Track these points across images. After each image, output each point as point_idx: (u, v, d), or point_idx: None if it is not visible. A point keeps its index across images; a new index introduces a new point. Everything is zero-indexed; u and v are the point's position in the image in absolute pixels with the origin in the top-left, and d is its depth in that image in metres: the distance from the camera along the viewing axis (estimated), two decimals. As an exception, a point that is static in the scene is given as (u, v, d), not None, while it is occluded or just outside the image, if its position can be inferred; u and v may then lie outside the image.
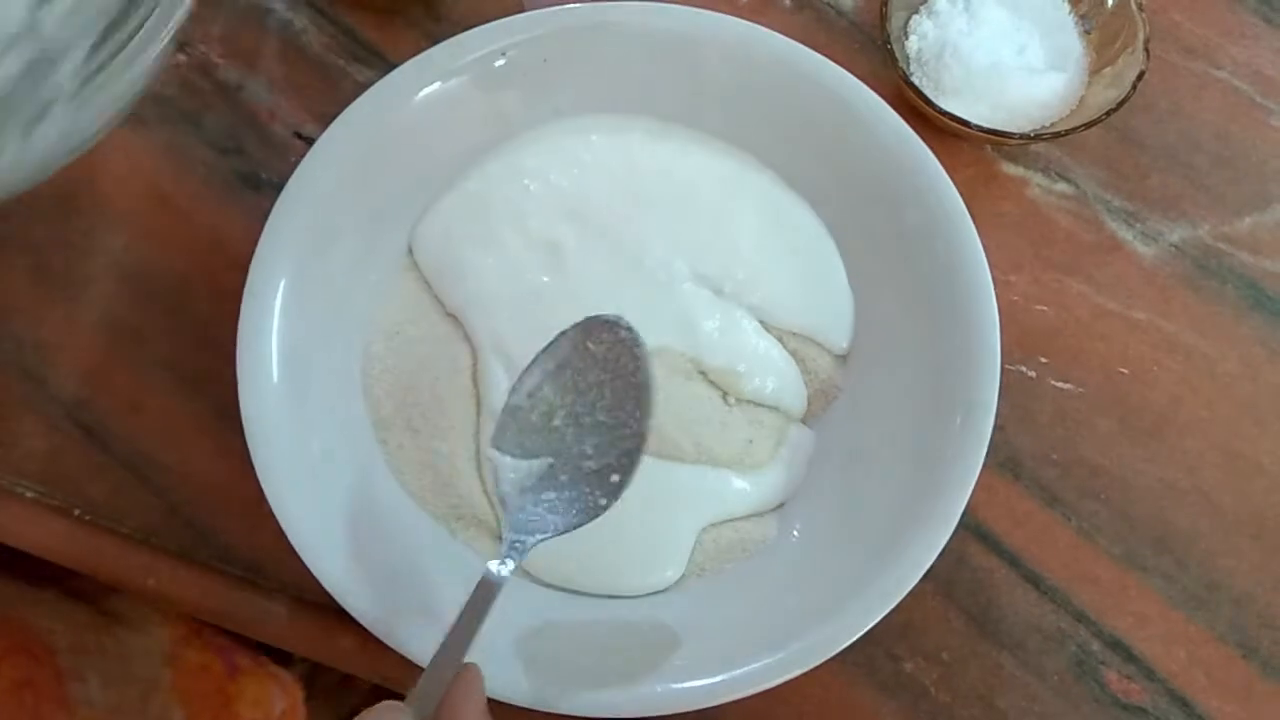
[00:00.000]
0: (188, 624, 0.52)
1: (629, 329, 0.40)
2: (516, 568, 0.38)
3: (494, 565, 0.37)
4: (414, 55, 0.47)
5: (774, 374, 0.47)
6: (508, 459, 0.40)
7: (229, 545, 0.47)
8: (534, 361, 0.41)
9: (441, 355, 0.47)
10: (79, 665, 0.50)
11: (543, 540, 0.38)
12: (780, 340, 0.48)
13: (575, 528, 0.39)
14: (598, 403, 0.40)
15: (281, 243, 0.44)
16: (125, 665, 0.52)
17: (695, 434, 0.45)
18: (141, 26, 0.39)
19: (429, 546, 0.44)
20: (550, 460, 0.40)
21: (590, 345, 0.40)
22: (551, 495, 0.39)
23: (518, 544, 0.38)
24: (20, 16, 0.36)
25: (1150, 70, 0.51)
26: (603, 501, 0.39)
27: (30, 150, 0.39)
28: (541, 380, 0.40)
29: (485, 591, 0.37)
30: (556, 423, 0.40)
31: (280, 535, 0.41)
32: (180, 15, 0.41)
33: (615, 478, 0.39)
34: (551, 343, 0.41)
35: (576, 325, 0.41)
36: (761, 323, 0.48)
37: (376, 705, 0.33)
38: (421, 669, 0.37)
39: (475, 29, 0.47)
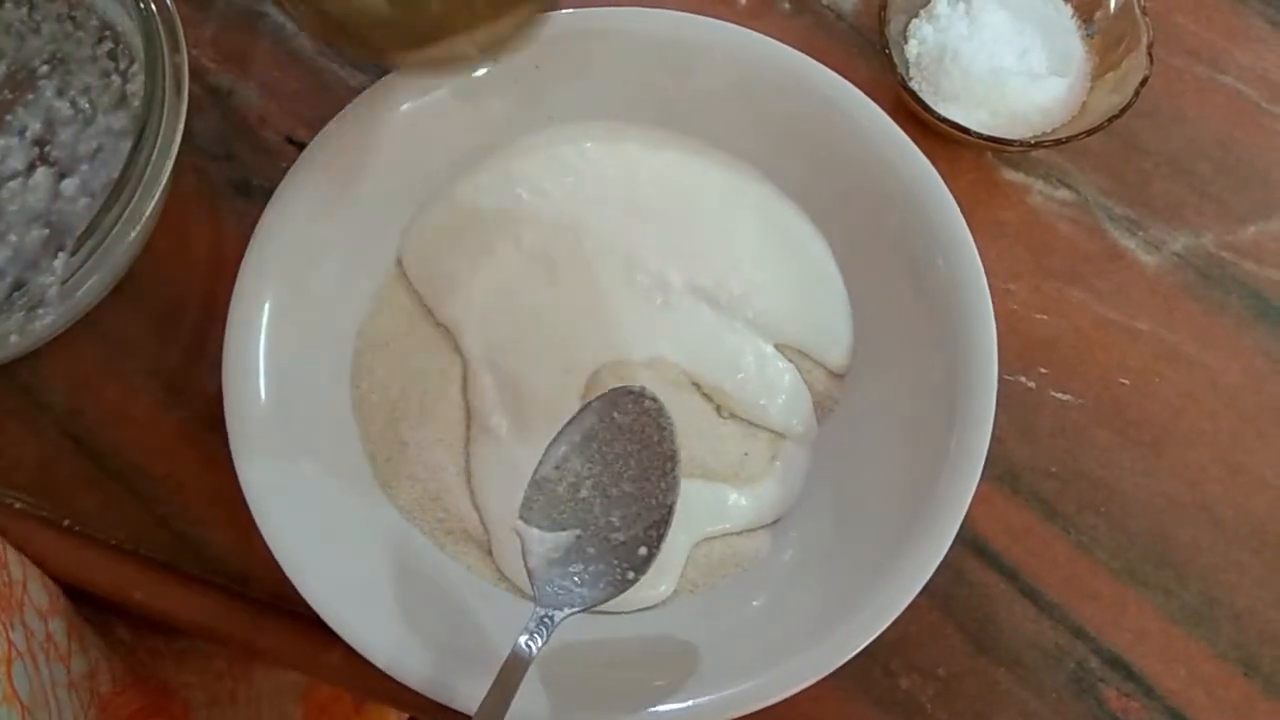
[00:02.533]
0: None
1: (654, 399, 0.40)
2: (545, 644, 0.37)
3: (523, 640, 0.37)
4: (406, 61, 0.47)
5: (779, 394, 0.46)
6: (535, 531, 0.39)
7: (218, 557, 0.46)
8: (561, 433, 0.40)
9: (432, 367, 0.46)
10: (215, 718, 0.50)
11: (570, 615, 0.38)
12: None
13: (603, 602, 0.38)
14: (624, 473, 0.40)
15: (269, 253, 0.44)
16: (258, 710, 0.53)
17: (689, 447, 0.45)
18: (116, 224, 0.43)
19: (418, 561, 0.44)
20: (578, 532, 0.40)
21: (616, 415, 0.40)
22: (579, 567, 0.39)
23: (546, 620, 0.38)
24: None
25: (1154, 75, 0.51)
26: (630, 575, 0.39)
27: (30, 335, 0.43)
28: (569, 452, 0.40)
29: (514, 667, 0.36)
30: (584, 494, 0.40)
31: (268, 549, 0.41)
32: (152, 209, 0.44)
33: (643, 550, 0.39)
34: (578, 414, 0.41)
35: (602, 396, 0.41)
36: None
37: None
38: (404, 685, 0.37)
39: (466, 36, 0.47)
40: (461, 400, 0.46)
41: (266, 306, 0.43)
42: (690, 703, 0.39)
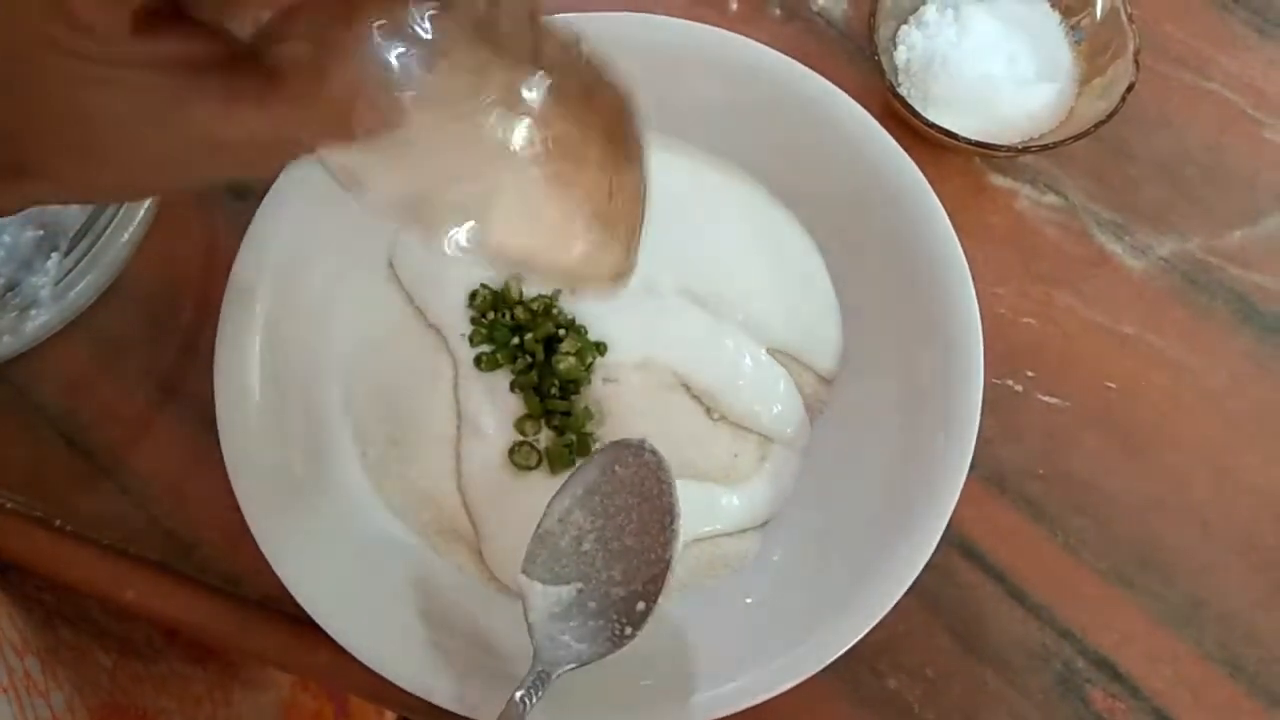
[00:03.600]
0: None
1: (653, 452, 0.40)
2: (539, 700, 0.37)
3: (519, 695, 0.37)
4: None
5: (774, 403, 0.47)
6: (538, 586, 0.39)
7: (209, 557, 0.46)
8: (564, 486, 0.40)
9: (423, 368, 0.46)
10: None
11: (568, 671, 0.38)
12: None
13: (600, 658, 0.38)
14: (625, 527, 0.40)
15: (262, 253, 0.44)
16: None
17: (679, 448, 0.45)
18: (109, 225, 0.44)
19: (407, 560, 0.44)
20: (579, 586, 0.40)
21: (618, 469, 0.40)
22: (578, 622, 0.39)
23: (543, 675, 0.37)
24: None
25: (1140, 82, 0.51)
26: (628, 631, 0.38)
27: (23, 335, 0.44)
28: (571, 505, 0.40)
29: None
30: (586, 548, 0.40)
31: (259, 549, 0.41)
32: (145, 210, 0.46)
33: (641, 605, 0.39)
34: (580, 467, 0.41)
35: (604, 450, 0.41)
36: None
37: None
38: (392, 683, 0.37)
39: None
40: (453, 401, 0.46)
41: (259, 305, 0.43)
42: (677, 702, 0.39)
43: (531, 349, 0.46)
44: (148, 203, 0.46)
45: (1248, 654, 0.46)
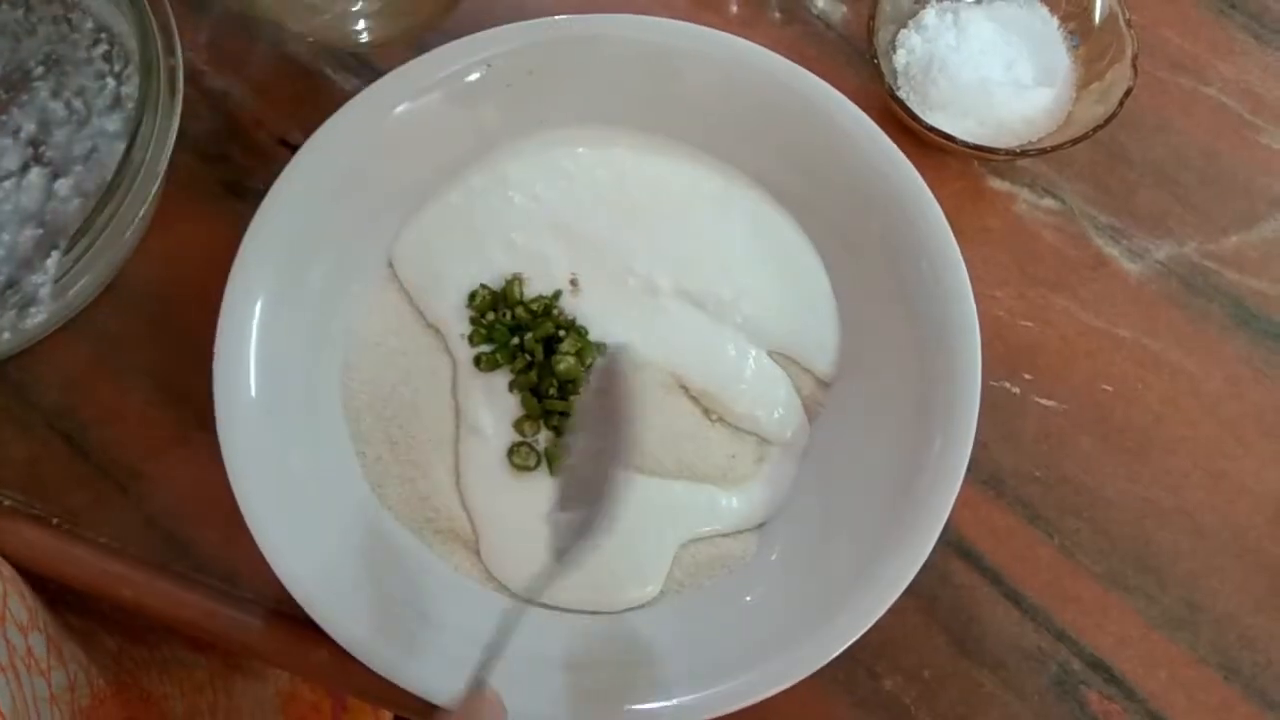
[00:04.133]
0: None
1: (614, 350, 0.41)
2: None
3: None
4: (402, 64, 0.47)
5: (775, 408, 0.47)
6: (565, 516, 0.40)
7: (206, 556, 0.47)
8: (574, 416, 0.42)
9: (422, 367, 0.47)
10: None
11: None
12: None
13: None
14: (608, 433, 0.40)
15: (261, 253, 0.44)
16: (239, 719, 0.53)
17: (677, 449, 0.45)
18: (108, 224, 0.44)
19: (405, 560, 0.44)
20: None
21: (593, 381, 0.42)
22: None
23: None
24: None
25: (1138, 86, 0.51)
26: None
27: (22, 333, 0.44)
28: (577, 433, 0.42)
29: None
30: (595, 470, 0.40)
31: (257, 548, 0.41)
32: (145, 210, 0.45)
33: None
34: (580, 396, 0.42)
35: (591, 374, 0.42)
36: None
37: None
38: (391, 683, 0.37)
39: (460, 40, 0.47)
40: (451, 400, 0.46)
41: (259, 304, 0.43)
42: (674, 701, 0.39)
43: (531, 349, 0.46)
44: (148, 201, 0.46)
45: (1243, 657, 0.46)
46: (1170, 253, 0.53)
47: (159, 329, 0.50)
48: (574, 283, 0.47)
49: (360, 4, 0.50)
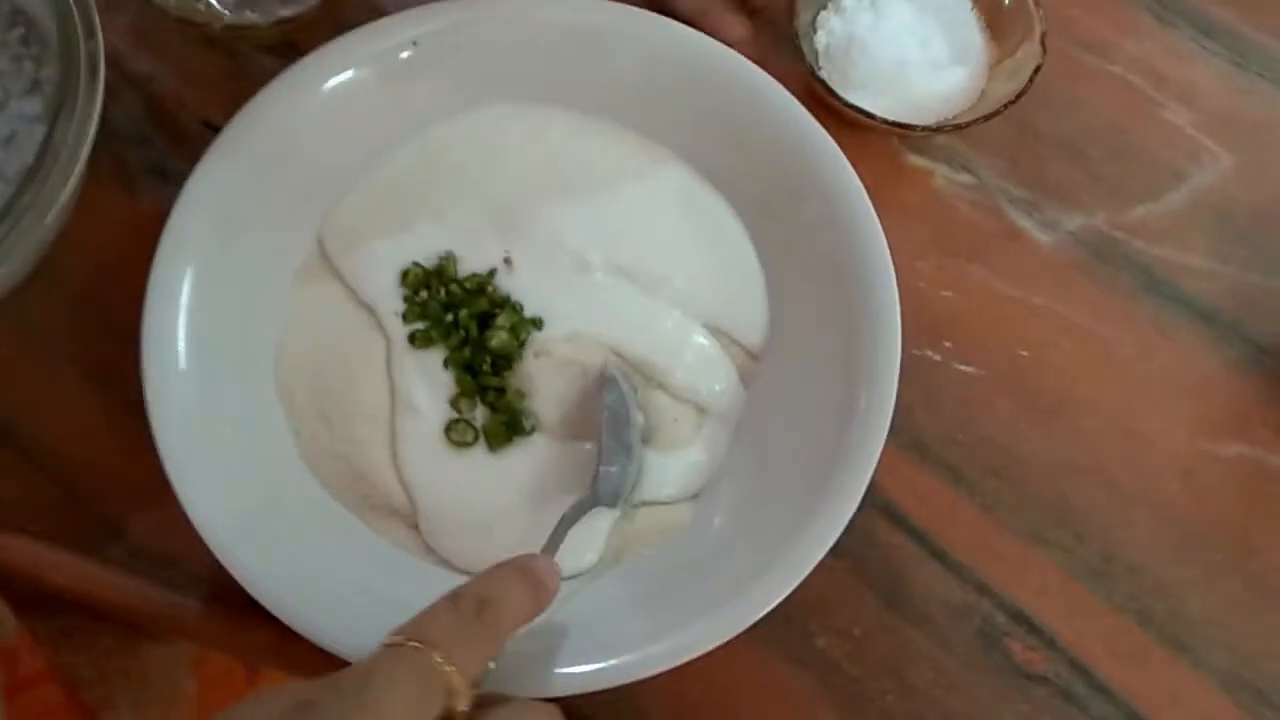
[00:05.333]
0: None
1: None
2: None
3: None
4: (323, 44, 0.47)
5: (715, 381, 0.48)
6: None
7: (140, 542, 0.46)
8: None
9: (356, 346, 0.47)
10: (108, 694, 0.51)
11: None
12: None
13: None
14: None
15: (187, 233, 0.44)
16: (148, 683, 0.52)
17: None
18: (29, 209, 0.42)
19: (342, 536, 0.44)
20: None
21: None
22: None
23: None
24: None
25: (1048, 64, 0.53)
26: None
27: None
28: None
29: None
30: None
31: (193, 531, 0.41)
32: (68, 195, 0.44)
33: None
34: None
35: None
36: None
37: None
38: (335, 658, 0.37)
39: (385, 18, 0.47)
40: (386, 378, 0.46)
41: (186, 280, 0.43)
42: (611, 661, 0.40)
43: (466, 325, 0.46)
44: (70, 186, 0.45)
45: (1156, 605, 0.49)
46: (1080, 224, 0.55)
47: (84, 314, 0.49)
48: (508, 261, 0.48)
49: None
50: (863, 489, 0.43)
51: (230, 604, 0.44)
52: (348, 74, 0.47)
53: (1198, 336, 0.53)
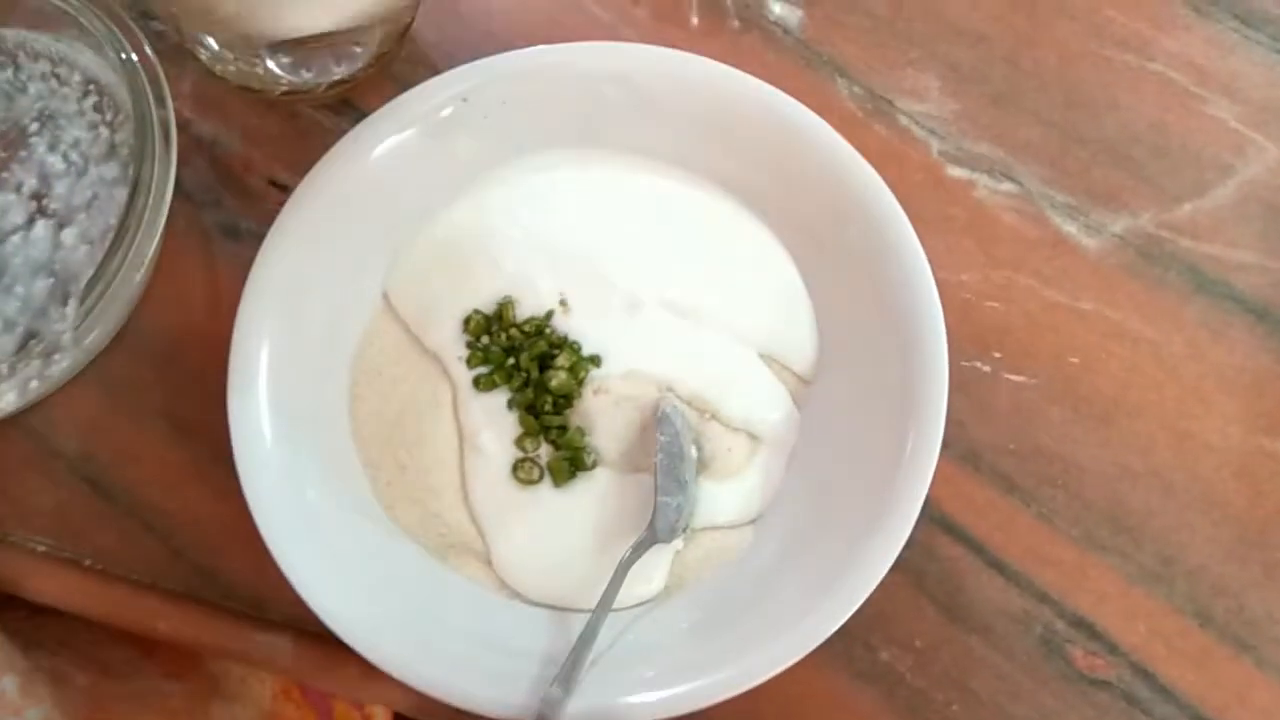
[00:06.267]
0: (284, 679, 0.55)
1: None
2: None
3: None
4: (378, 100, 0.50)
5: (772, 410, 0.49)
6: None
7: (232, 583, 0.49)
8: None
9: (423, 393, 0.49)
10: None
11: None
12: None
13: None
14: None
15: (265, 293, 0.46)
16: None
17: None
18: (120, 268, 0.46)
19: (422, 575, 0.47)
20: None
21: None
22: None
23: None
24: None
25: (1086, 66, 0.53)
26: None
27: (48, 380, 0.47)
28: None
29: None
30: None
31: (280, 572, 0.44)
32: (154, 251, 0.48)
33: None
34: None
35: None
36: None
37: None
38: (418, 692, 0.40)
39: (435, 78, 0.49)
40: (454, 421, 0.48)
41: (265, 345, 0.46)
42: (680, 688, 0.42)
43: (526, 368, 0.48)
44: (155, 242, 0.47)
45: (1216, 604, 0.49)
46: (1126, 225, 0.55)
47: (168, 371, 0.52)
48: (563, 303, 0.50)
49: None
50: (919, 505, 0.44)
51: (319, 640, 0.47)
52: (404, 134, 0.49)
53: (1249, 333, 0.53)
